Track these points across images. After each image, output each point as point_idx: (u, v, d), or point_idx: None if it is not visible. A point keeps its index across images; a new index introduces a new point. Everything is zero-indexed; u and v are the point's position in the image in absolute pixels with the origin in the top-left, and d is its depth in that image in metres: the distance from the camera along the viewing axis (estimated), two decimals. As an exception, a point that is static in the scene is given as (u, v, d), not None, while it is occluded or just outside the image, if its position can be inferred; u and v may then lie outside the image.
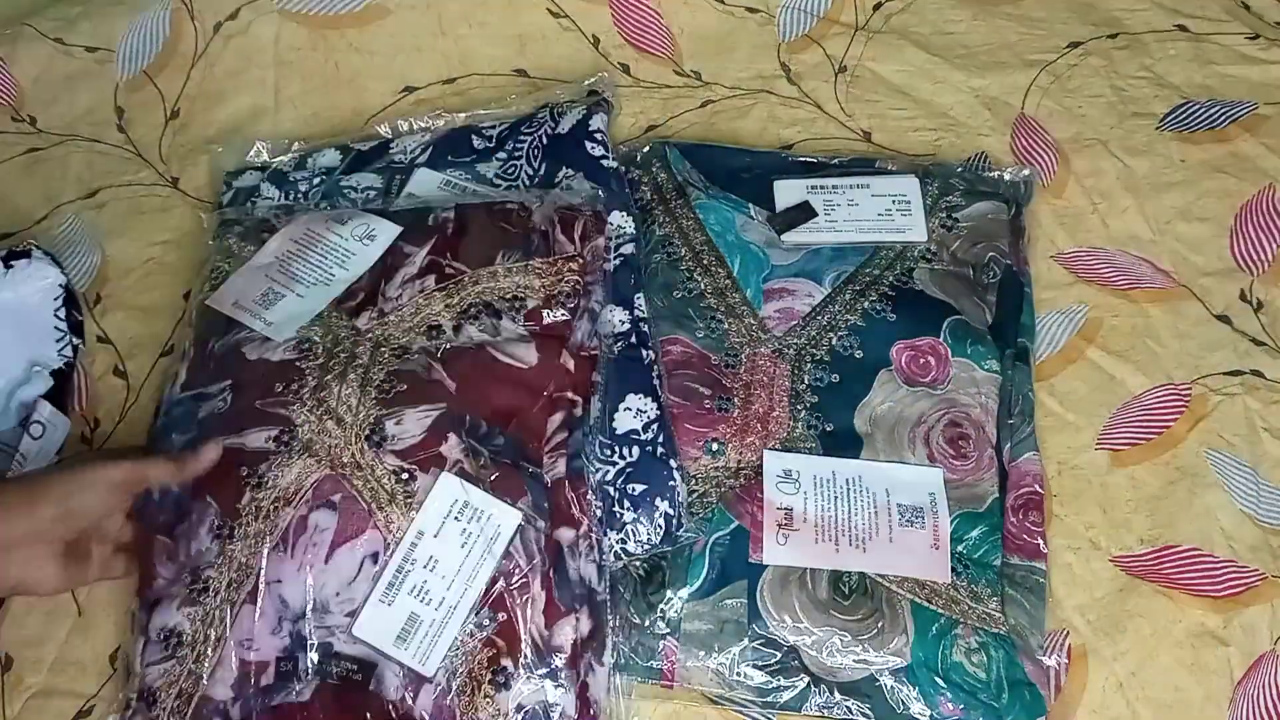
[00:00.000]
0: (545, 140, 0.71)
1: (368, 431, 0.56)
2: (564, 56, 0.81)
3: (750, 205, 0.69)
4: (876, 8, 0.82)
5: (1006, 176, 0.72)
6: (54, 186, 0.76)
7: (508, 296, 0.61)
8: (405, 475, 0.55)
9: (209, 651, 0.53)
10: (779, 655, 0.56)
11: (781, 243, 0.67)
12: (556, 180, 0.69)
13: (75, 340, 0.67)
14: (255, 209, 0.71)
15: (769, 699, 0.56)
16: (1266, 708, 0.57)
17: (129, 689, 0.55)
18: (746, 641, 0.56)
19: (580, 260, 0.62)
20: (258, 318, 0.62)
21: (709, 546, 0.58)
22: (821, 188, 0.69)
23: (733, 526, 0.59)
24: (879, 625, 0.56)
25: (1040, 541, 0.60)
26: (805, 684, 0.56)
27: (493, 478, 0.56)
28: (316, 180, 0.72)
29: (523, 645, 0.53)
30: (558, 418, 0.59)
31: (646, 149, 0.73)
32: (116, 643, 0.60)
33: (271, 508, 0.55)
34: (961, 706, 0.55)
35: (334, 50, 0.81)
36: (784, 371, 0.62)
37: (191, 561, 0.55)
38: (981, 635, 0.56)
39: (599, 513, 0.58)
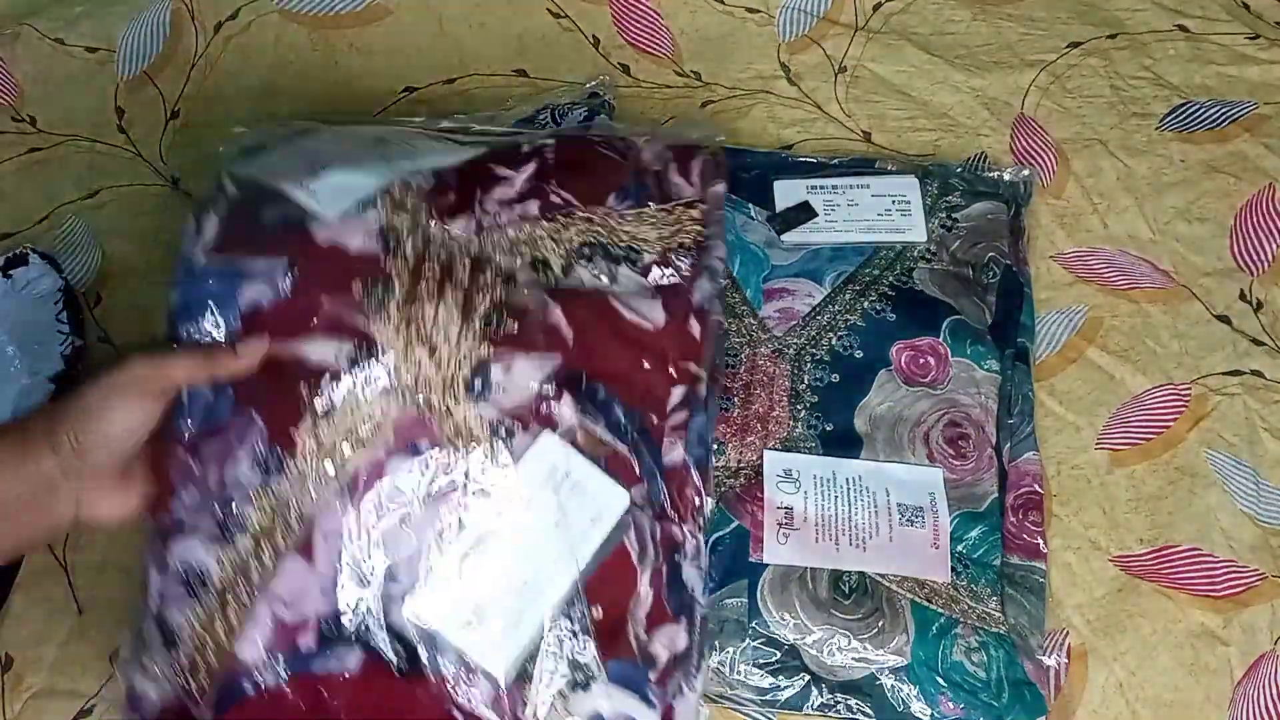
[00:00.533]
0: None
1: (467, 372, 0.46)
2: (564, 57, 0.81)
3: (750, 205, 0.69)
4: (876, 8, 0.82)
5: (1006, 177, 0.72)
6: (54, 187, 0.76)
7: (622, 244, 0.51)
8: (504, 431, 0.46)
9: (241, 603, 0.46)
10: (779, 654, 0.56)
11: (781, 243, 0.67)
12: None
13: (78, 340, 0.67)
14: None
15: (769, 698, 0.56)
16: (1266, 708, 0.57)
17: (145, 612, 0.48)
18: (747, 640, 0.56)
19: (701, 206, 0.53)
20: (299, 186, 0.49)
21: (709, 546, 0.58)
22: (821, 188, 0.69)
23: (733, 526, 0.59)
24: (879, 624, 0.56)
25: (1040, 541, 0.60)
26: (805, 683, 0.56)
27: (606, 452, 0.47)
28: None
29: (619, 646, 0.46)
30: (679, 393, 0.50)
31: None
32: (117, 643, 0.60)
33: (337, 442, 0.45)
34: (962, 705, 0.55)
35: (334, 50, 0.81)
36: (784, 371, 0.62)
37: (225, 492, 0.46)
38: (981, 635, 0.56)
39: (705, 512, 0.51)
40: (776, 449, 0.60)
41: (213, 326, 0.48)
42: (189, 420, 0.47)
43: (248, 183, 0.51)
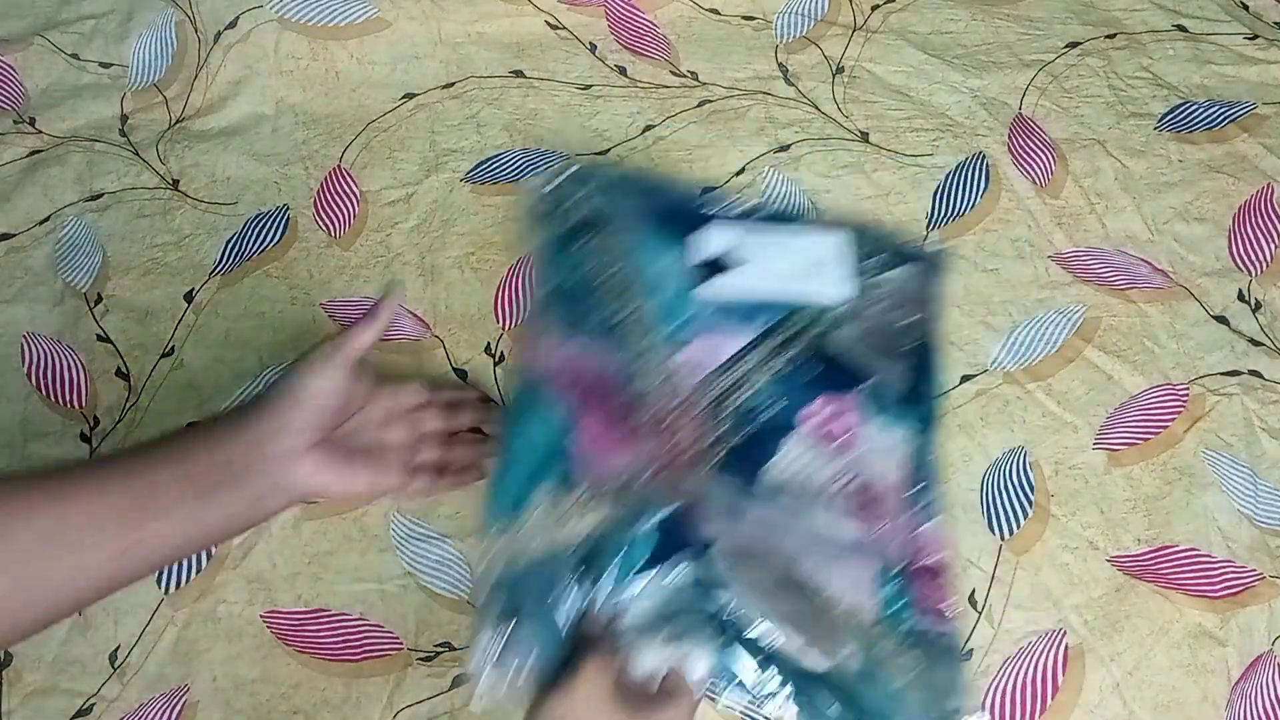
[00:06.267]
0: None
1: None
2: (561, 60, 0.81)
3: (676, 247, 0.65)
4: (875, 8, 0.82)
5: (925, 247, 0.70)
6: (55, 189, 0.77)
7: None
8: None
9: None
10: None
11: (699, 293, 0.63)
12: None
13: None
14: None
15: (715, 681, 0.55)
16: (1264, 708, 0.57)
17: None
18: (694, 619, 0.55)
19: None
20: None
21: (655, 525, 0.55)
22: (746, 238, 0.66)
23: (677, 505, 0.56)
24: (822, 624, 0.55)
25: (945, 607, 0.57)
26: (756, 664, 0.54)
27: None
28: None
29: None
30: None
31: (576, 168, 0.67)
32: (117, 641, 0.61)
33: None
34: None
35: (335, 60, 0.82)
36: (692, 425, 0.61)
37: None
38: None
39: None
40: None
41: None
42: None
43: None
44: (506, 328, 0.70)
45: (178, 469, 0.49)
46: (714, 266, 0.62)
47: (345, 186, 0.76)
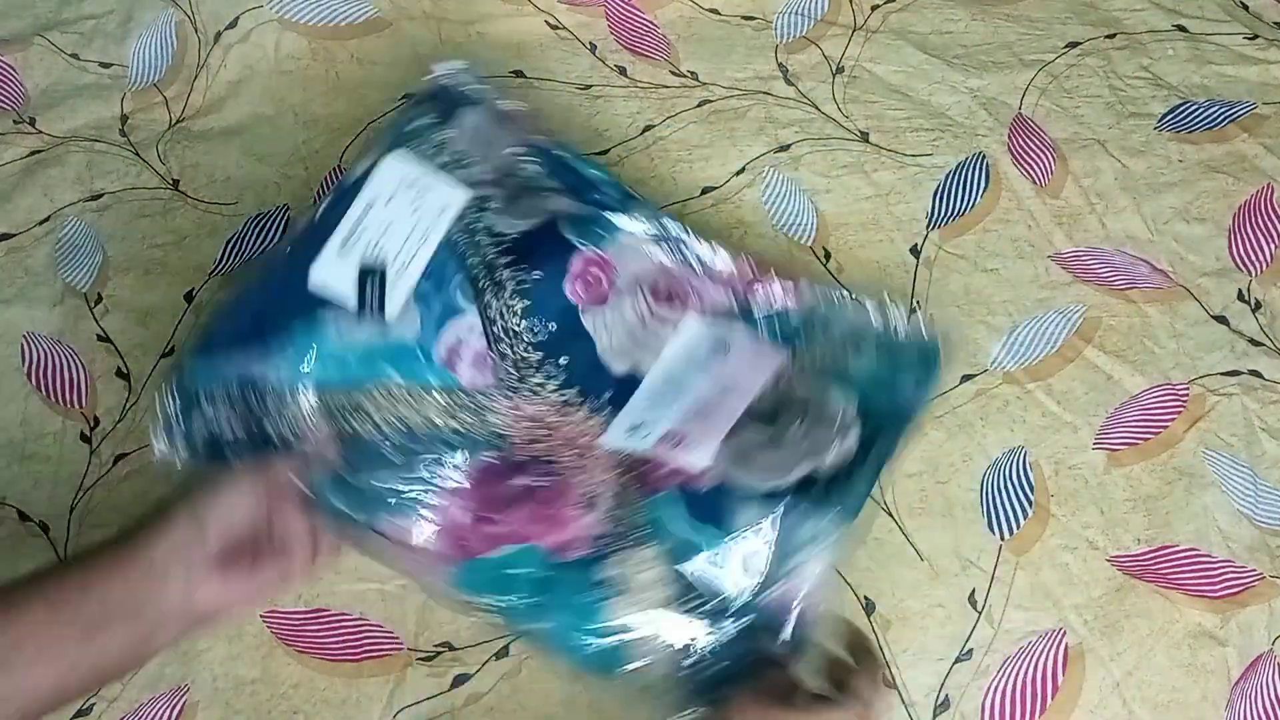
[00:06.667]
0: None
1: None
2: (561, 60, 0.81)
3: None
4: (874, 8, 0.82)
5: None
6: (55, 189, 0.77)
7: None
8: None
9: None
10: None
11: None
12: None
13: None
14: None
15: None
16: (1264, 708, 0.57)
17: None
18: None
19: None
20: None
21: None
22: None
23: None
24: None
25: None
26: None
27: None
28: None
29: None
30: None
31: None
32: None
33: None
34: None
35: (335, 60, 0.82)
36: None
37: None
38: None
39: None
40: None
41: None
42: None
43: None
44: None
45: (55, 610, 0.44)
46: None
47: (345, 186, 0.76)
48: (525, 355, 0.59)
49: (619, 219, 0.63)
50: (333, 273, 0.57)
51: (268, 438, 0.55)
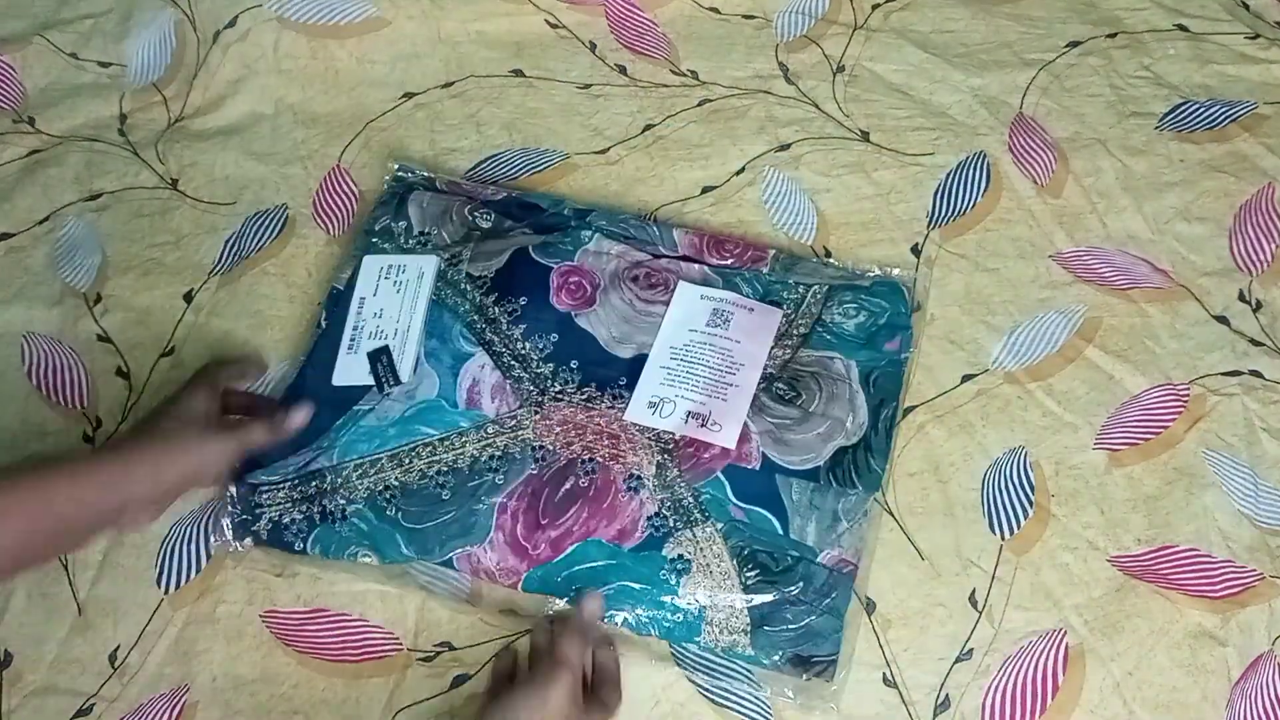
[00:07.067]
0: None
1: None
2: (561, 59, 0.81)
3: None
4: (875, 7, 0.82)
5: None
6: (55, 188, 0.77)
7: None
8: None
9: None
10: None
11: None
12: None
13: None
14: None
15: None
16: (1264, 708, 0.57)
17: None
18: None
19: None
20: None
21: None
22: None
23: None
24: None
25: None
26: None
27: None
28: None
29: None
30: None
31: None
32: (116, 641, 0.61)
33: None
34: None
35: (334, 60, 0.81)
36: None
37: None
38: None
39: None
40: None
41: None
42: None
43: None
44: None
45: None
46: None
47: (344, 185, 0.76)
48: (539, 371, 0.64)
49: (579, 233, 0.69)
50: (350, 372, 0.65)
51: (327, 512, 0.62)
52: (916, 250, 0.71)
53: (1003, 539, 0.62)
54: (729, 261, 0.69)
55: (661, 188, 0.75)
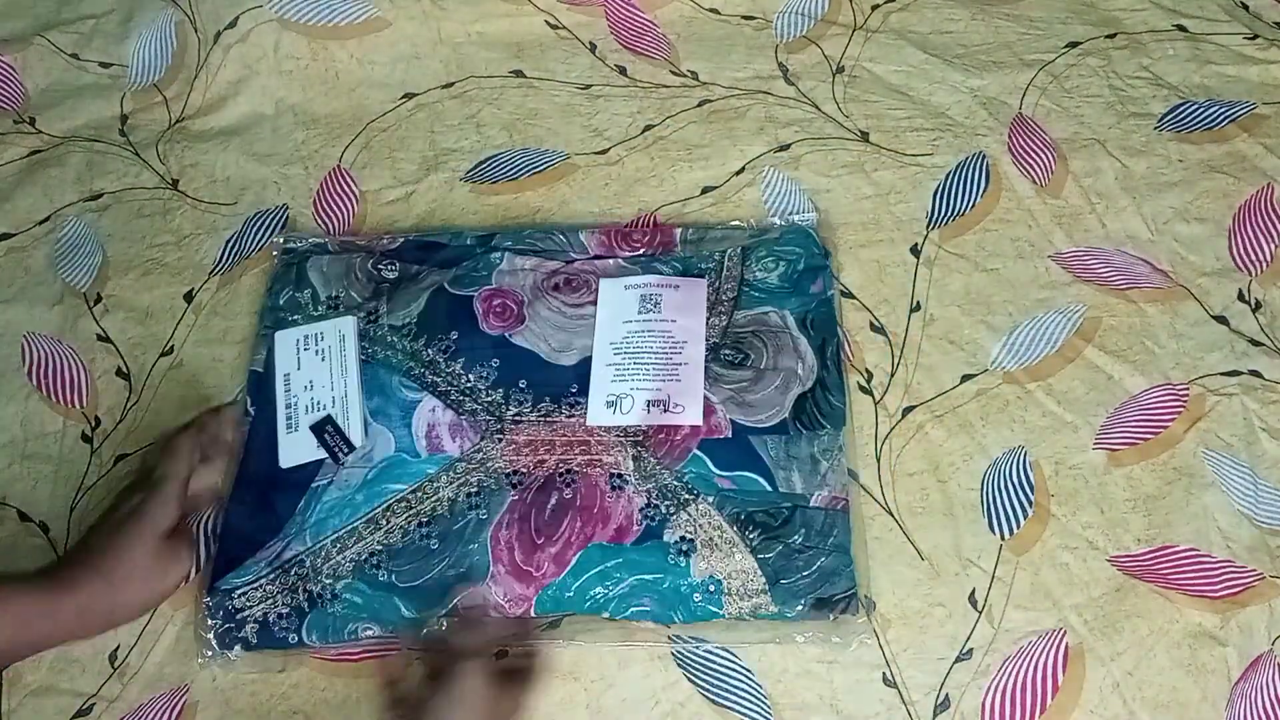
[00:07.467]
0: None
1: None
2: (561, 59, 0.81)
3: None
4: (875, 8, 0.82)
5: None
6: (55, 188, 0.77)
7: None
8: None
9: None
10: None
11: None
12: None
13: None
14: None
15: None
16: (1264, 708, 0.57)
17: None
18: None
19: None
20: None
21: None
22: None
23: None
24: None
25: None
26: None
27: None
28: None
29: None
30: None
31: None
32: (116, 641, 0.61)
33: None
34: None
35: (334, 60, 0.82)
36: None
37: None
38: None
39: None
40: None
41: None
42: None
43: None
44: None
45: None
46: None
47: (345, 186, 0.76)
48: (490, 399, 0.64)
49: (488, 257, 0.70)
50: (296, 450, 0.63)
51: (315, 596, 0.60)
52: (916, 250, 0.71)
53: (1002, 539, 0.62)
54: (640, 251, 0.70)
55: (661, 188, 0.75)
